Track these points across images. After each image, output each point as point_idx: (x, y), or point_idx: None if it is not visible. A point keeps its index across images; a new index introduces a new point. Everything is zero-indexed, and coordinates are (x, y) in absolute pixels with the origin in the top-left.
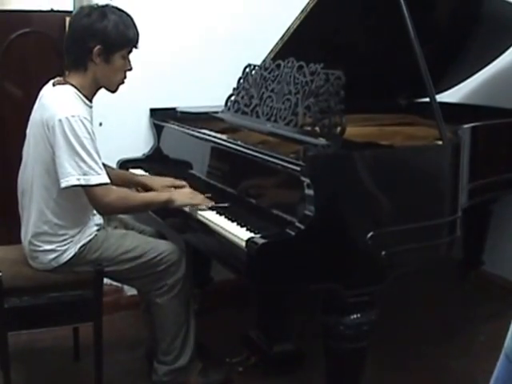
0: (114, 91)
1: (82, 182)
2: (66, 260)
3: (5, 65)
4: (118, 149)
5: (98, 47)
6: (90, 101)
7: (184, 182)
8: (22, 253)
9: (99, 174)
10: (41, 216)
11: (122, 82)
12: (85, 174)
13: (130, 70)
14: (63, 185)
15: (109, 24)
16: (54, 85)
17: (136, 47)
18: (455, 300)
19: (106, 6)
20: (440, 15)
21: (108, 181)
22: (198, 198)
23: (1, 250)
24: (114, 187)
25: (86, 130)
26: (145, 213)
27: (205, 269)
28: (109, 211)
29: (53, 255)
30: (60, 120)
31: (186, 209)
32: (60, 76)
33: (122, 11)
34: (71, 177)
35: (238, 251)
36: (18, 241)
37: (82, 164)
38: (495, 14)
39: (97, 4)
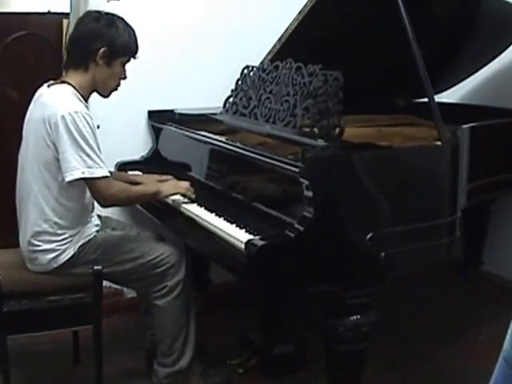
0: (106, 96)
1: (87, 175)
2: (65, 260)
3: (2, 67)
4: (116, 151)
5: (103, 49)
6: (86, 101)
7: (170, 177)
8: (21, 256)
9: (102, 168)
10: (41, 214)
11: (115, 89)
12: (89, 167)
13: (125, 78)
14: (68, 178)
15: (116, 31)
16: (48, 86)
17: (134, 58)
18: (455, 300)
19: (114, 15)
20: (438, 15)
21: (109, 174)
22: (182, 186)
23: (0, 254)
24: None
25: (88, 125)
26: (143, 215)
27: (204, 271)
28: (111, 203)
29: (52, 255)
30: (63, 116)
31: (170, 201)
32: (55, 79)
33: (127, 22)
34: (76, 170)
35: (237, 253)
36: (17, 244)
37: (86, 158)
38: (493, 14)
39: (104, 11)
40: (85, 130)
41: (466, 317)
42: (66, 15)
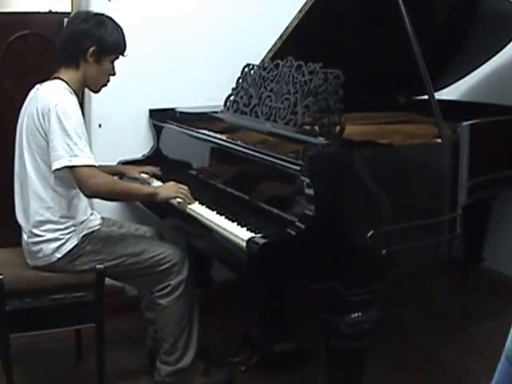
0: (96, 91)
1: (73, 163)
2: (68, 249)
3: (4, 66)
4: (117, 150)
5: (92, 48)
6: (78, 97)
7: (148, 167)
8: (23, 255)
9: (89, 157)
10: (41, 203)
11: (105, 85)
12: (75, 156)
13: (114, 75)
14: (55, 166)
15: (106, 31)
16: (41, 84)
17: (123, 55)
18: (456, 297)
19: (102, 14)
20: (439, 12)
21: (96, 164)
22: (182, 191)
23: (2, 253)
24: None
25: (77, 116)
26: (143, 212)
27: (206, 269)
28: (94, 193)
29: (56, 244)
30: (56, 105)
31: (175, 202)
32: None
33: (114, 21)
34: (63, 159)
35: (239, 251)
36: (19, 244)
37: (73, 146)
38: (494, 11)
39: (93, 12)
40: (74, 120)
41: (466, 313)
42: (68, 14)
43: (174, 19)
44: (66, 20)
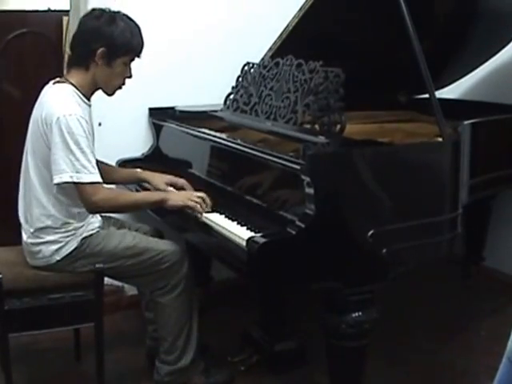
0: (110, 94)
1: (75, 180)
2: (68, 252)
3: (2, 65)
4: (117, 148)
5: (101, 49)
6: (88, 99)
7: (183, 181)
8: (22, 254)
9: (91, 173)
10: (43, 211)
11: (120, 88)
12: (77, 172)
13: (130, 77)
14: (56, 181)
15: (116, 29)
16: (54, 84)
17: (139, 56)
18: (456, 296)
19: (117, 12)
20: (439, 10)
21: (99, 180)
22: (194, 200)
23: (1, 252)
24: (106, 187)
25: (82, 129)
26: (142, 211)
27: (205, 268)
28: (95, 210)
29: (56, 246)
30: (58, 118)
31: (189, 210)
32: (59, 76)
33: (131, 20)
34: (65, 174)
35: (239, 250)
36: (18, 242)
37: (75, 162)
38: (494, 9)
39: (109, 9)
40: (78, 133)
41: (467, 312)
42: (66, 12)
43: (173, 18)
44: (64, 18)
